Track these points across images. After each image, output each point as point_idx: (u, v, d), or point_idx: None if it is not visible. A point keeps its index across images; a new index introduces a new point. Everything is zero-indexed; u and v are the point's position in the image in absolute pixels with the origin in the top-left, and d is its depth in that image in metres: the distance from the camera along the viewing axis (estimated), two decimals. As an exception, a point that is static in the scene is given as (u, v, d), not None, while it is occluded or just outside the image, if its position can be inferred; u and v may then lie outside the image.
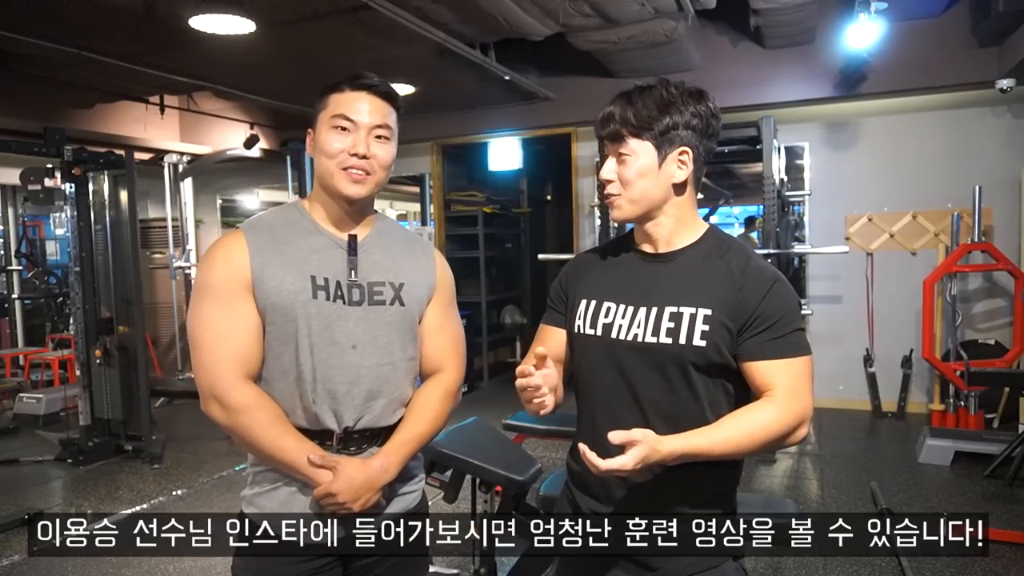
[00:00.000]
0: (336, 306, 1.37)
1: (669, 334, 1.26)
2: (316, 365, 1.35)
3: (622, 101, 1.29)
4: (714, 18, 5.18)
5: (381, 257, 1.44)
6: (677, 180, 1.30)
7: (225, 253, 1.35)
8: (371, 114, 1.37)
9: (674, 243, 1.33)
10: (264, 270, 1.34)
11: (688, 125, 1.27)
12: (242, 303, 1.33)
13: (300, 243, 1.39)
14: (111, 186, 4.95)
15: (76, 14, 3.84)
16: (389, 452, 1.39)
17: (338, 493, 1.31)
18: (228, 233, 1.40)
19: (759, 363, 1.24)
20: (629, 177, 1.28)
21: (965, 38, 4.89)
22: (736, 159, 6.33)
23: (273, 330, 1.35)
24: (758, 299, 1.24)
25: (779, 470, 4.42)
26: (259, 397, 1.33)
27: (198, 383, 1.34)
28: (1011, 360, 4.90)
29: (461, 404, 1.58)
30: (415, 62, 4.99)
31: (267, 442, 1.32)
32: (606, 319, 1.33)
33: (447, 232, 7.29)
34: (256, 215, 1.46)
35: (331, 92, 1.38)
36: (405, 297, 1.43)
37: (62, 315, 8.00)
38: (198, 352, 1.33)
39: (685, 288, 1.28)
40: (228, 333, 1.32)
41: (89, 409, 4.88)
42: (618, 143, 1.29)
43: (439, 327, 1.50)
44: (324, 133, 1.37)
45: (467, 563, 2.62)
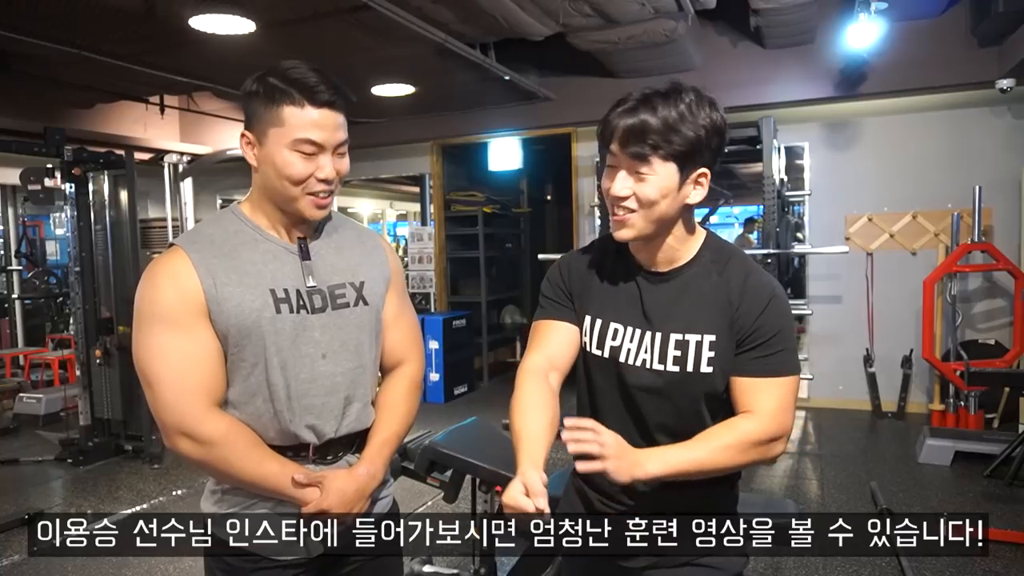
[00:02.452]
0: (300, 317, 1.28)
1: (676, 362, 1.25)
2: (289, 382, 1.27)
3: (646, 110, 1.17)
4: (714, 18, 5.18)
5: (336, 258, 1.36)
6: (692, 201, 1.24)
7: (171, 275, 1.23)
8: (335, 131, 1.26)
9: (675, 260, 1.30)
10: (219, 290, 1.23)
11: (709, 146, 1.20)
12: (199, 329, 1.23)
13: (250, 254, 1.28)
14: (111, 186, 4.95)
15: (76, 14, 3.85)
16: (373, 457, 1.36)
17: (331, 508, 1.27)
18: (166, 252, 1.27)
19: (746, 379, 1.25)
20: (651, 197, 1.20)
21: (965, 38, 4.89)
22: (736, 159, 6.31)
23: (237, 352, 1.25)
24: (754, 317, 1.24)
25: (779, 470, 4.42)
26: (232, 425, 1.25)
27: (160, 419, 1.23)
28: (1011, 360, 4.90)
29: (461, 404, 1.58)
30: (415, 62, 4.99)
31: (248, 471, 1.25)
32: (614, 341, 1.30)
33: (447, 232, 7.28)
34: (190, 229, 1.35)
35: (284, 103, 1.23)
36: (367, 295, 1.37)
37: (62, 315, 8.01)
38: (156, 386, 1.22)
39: (689, 313, 1.26)
40: (189, 362, 1.22)
41: (89, 409, 4.88)
42: (640, 161, 1.19)
43: (396, 318, 1.45)
44: (282, 154, 1.24)
45: (467, 563, 2.61)
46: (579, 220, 6.60)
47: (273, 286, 1.27)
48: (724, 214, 12.22)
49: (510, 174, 7.72)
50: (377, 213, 12.44)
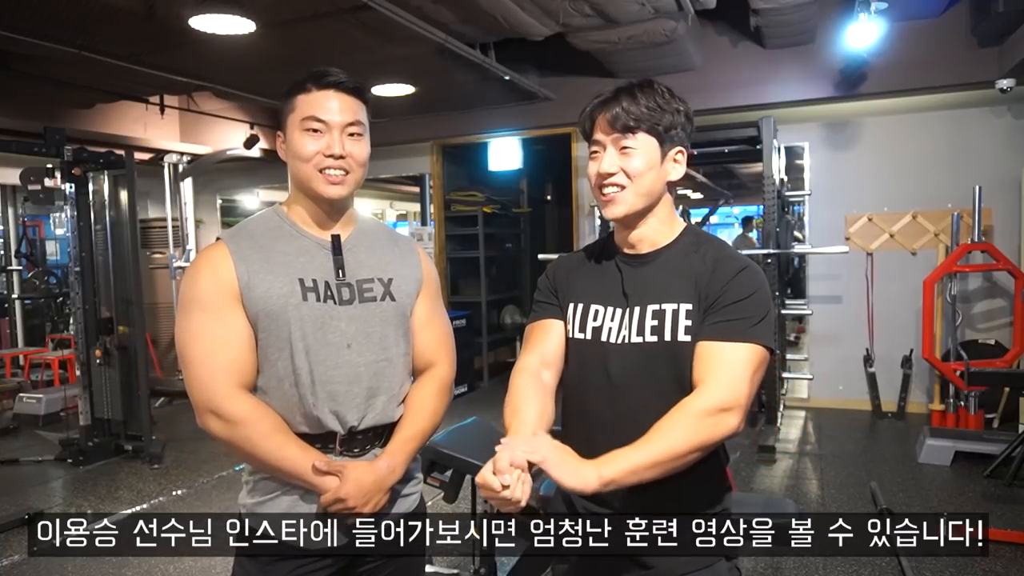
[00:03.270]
0: (327, 306, 1.35)
1: (654, 332, 1.28)
2: (313, 367, 1.33)
3: (627, 97, 1.29)
4: (714, 18, 5.18)
5: (367, 255, 1.43)
6: (672, 178, 1.33)
7: (210, 264, 1.33)
8: (342, 112, 1.34)
9: (657, 242, 1.35)
10: (251, 277, 1.32)
11: (683, 126, 1.31)
12: (232, 313, 1.31)
13: (284, 247, 1.37)
14: (111, 186, 4.95)
15: (76, 14, 3.84)
16: (394, 452, 1.39)
17: (348, 498, 1.30)
18: (209, 245, 1.38)
19: (702, 343, 1.24)
20: (639, 169, 1.28)
21: (965, 38, 4.89)
22: (736, 159, 6.33)
23: (266, 337, 1.33)
24: (722, 284, 1.26)
25: (779, 470, 4.42)
26: (257, 407, 1.31)
27: (192, 397, 1.30)
28: (1011, 360, 4.90)
29: (461, 404, 1.59)
30: (415, 62, 4.99)
31: (269, 453, 1.30)
32: (595, 323, 1.34)
33: (447, 232, 7.28)
34: (235, 225, 1.44)
35: (297, 93, 1.35)
36: (395, 292, 1.42)
37: (62, 315, 8.01)
38: (190, 366, 1.30)
39: (665, 285, 1.30)
40: (220, 344, 1.30)
41: (89, 409, 4.88)
42: (624, 135, 1.28)
43: (428, 321, 1.49)
44: (296, 136, 1.34)
45: (467, 563, 2.62)
46: (579, 220, 6.60)
47: (302, 276, 1.35)
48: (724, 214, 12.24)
49: (510, 174, 7.73)
50: (377, 213, 12.45)
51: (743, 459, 4.54)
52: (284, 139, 1.38)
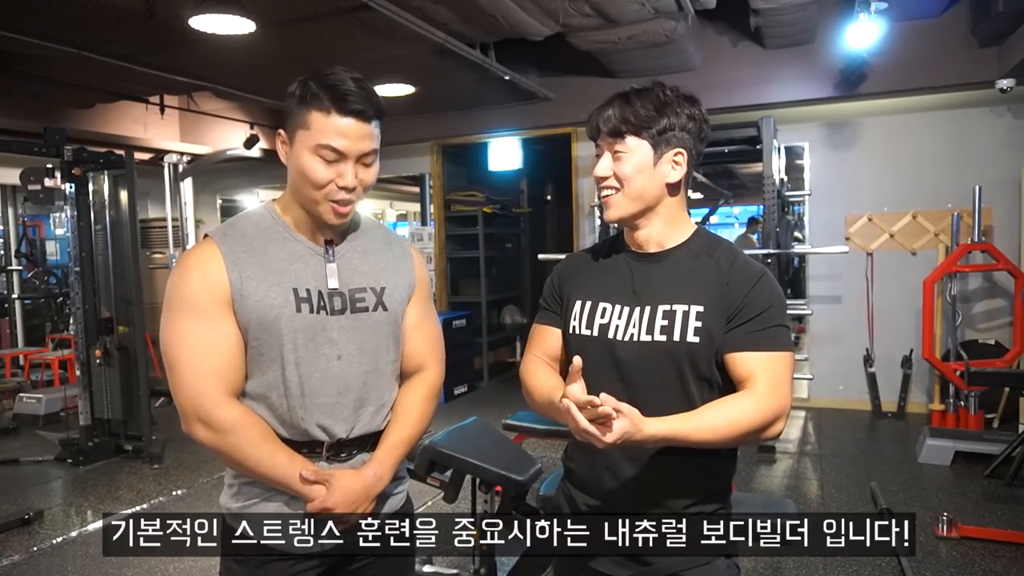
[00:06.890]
0: (319, 317, 1.32)
1: (663, 331, 1.28)
2: (303, 379, 1.31)
3: (620, 101, 1.31)
4: (714, 18, 5.18)
5: (360, 262, 1.39)
6: (671, 180, 1.32)
7: (200, 265, 1.28)
8: (359, 141, 1.27)
9: (665, 243, 1.36)
10: (244, 284, 1.27)
11: (684, 127, 1.31)
12: (222, 318, 1.27)
13: (277, 252, 1.32)
14: (111, 186, 4.95)
15: (76, 14, 3.84)
16: (382, 459, 1.38)
17: (335, 507, 1.29)
18: (199, 243, 1.33)
19: (741, 354, 1.26)
20: (627, 173, 1.30)
21: (965, 38, 4.89)
22: (736, 159, 6.33)
23: (257, 346, 1.29)
24: (744, 292, 1.27)
25: (779, 470, 4.42)
26: (246, 414, 1.29)
27: (179, 403, 1.27)
28: (1011, 360, 4.90)
29: (461, 404, 1.59)
30: (415, 62, 4.99)
31: (258, 461, 1.28)
32: (602, 319, 1.34)
33: (447, 232, 7.28)
34: (226, 222, 1.39)
35: (313, 107, 1.25)
36: (388, 301, 1.39)
37: (62, 315, 8.01)
38: (177, 370, 1.26)
39: (677, 286, 1.31)
40: (209, 350, 1.26)
41: (89, 409, 4.88)
42: (615, 140, 1.30)
43: (419, 325, 1.47)
44: (306, 158, 1.27)
45: (467, 563, 2.62)
46: (579, 220, 6.60)
47: (296, 285, 1.31)
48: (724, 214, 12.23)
49: (510, 174, 7.73)
50: (377, 213, 12.44)
51: (743, 459, 4.53)
52: (287, 141, 1.31)
